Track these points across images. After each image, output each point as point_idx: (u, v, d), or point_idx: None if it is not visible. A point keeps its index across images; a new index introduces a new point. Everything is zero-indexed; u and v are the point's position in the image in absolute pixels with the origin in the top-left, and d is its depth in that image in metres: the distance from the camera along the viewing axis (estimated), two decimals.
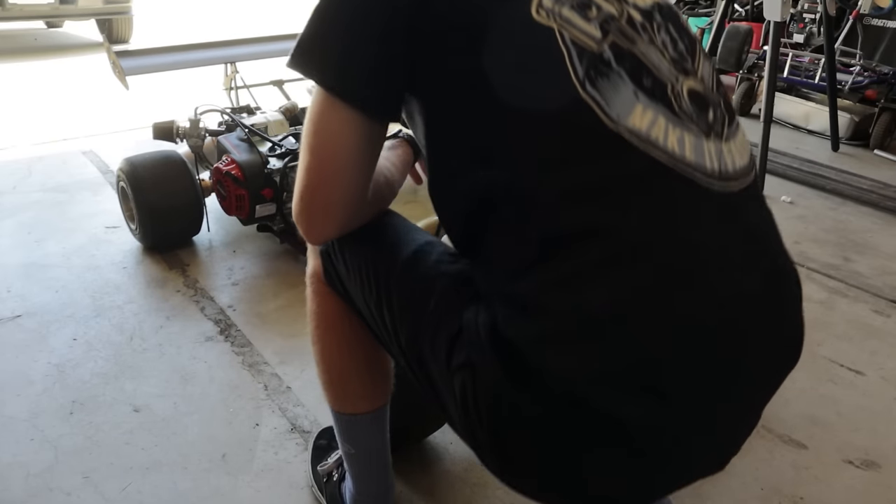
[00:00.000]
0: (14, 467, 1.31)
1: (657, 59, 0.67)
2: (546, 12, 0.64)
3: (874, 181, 3.06)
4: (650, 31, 0.69)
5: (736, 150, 0.70)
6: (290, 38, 2.60)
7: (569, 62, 0.63)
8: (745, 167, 0.70)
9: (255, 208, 2.03)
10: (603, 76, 0.63)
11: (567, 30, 0.64)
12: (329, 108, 0.71)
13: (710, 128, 0.67)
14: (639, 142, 0.62)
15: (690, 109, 0.66)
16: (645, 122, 0.63)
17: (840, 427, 1.51)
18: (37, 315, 1.82)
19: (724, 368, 0.65)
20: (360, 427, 1.06)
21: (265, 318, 1.84)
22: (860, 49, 3.75)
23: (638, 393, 0.62)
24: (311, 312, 1.01)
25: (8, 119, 3.61)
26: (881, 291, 2.13)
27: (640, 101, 0.63)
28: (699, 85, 0.69)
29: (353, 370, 1.01)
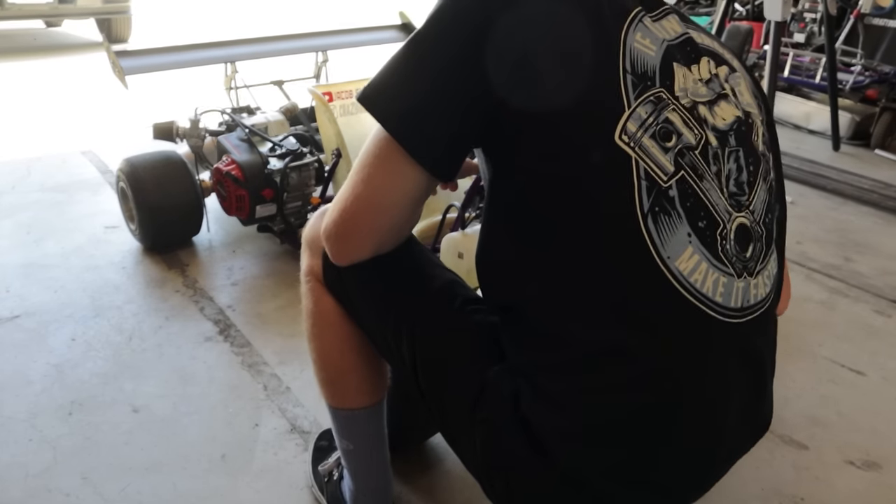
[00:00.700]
0: (13, 468, 1.31)
1: (716, 197, 0.71)
2: (628, 137, 0.66)
3: (875, 181, 3.06)
4: (720, 161, 0.72)
5: (762, 283, 0.76)
6: (291, 38, 2.60)
7: (637, 194, 0.66)
8: (765, 297, 0.77)
9: (256, 209, 2.03)
10: (665, 213, 0.67)
11: (643, 160, 0.67)
12: (394, 156, 0.72)
13: (744, 266, 0.73)
14: (678, 283, 0.68)
15: (733, 251, 0.72)
16: (689, 266, 0.68)
17: (841, 427, 1.51)
18: (36, 315, 1.82)
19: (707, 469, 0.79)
20: (358, 422, 1.06)
21: (265, 319, 1.84)
22: (861, 48, 3.74)
23: (639, 486, 0.72)
24: (306, 310, 1.02)
25: (7, 119, 3.60)
26: (882, 291, 2.13)
27: (692, 244, 0.68)
28: (748, 219, 0.74)
29: (350, 367, 1.02)
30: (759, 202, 0.77)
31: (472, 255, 0.81)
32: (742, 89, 0.80)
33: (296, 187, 2.05)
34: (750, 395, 0.79)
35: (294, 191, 2.05)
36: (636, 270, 0.67)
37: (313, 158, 2.07)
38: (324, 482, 1.22)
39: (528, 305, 0.72)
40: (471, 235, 1.69)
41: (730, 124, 0.75)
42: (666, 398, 0.70)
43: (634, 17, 0.72)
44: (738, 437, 0.81)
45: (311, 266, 0.99)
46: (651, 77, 0.70)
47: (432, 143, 0.71)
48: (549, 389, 0.71)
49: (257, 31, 3.32)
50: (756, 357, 0.78)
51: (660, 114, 0.69)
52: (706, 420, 0.74)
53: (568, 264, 0.69)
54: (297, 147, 2.07)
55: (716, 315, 0.71)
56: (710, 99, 0.75)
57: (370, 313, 0.92)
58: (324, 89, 1.99)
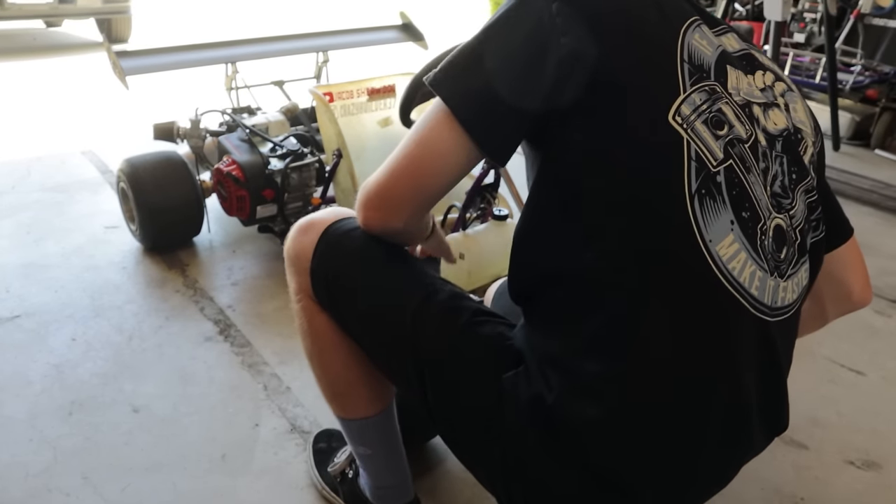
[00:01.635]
0: (13, 468, 1.31)
1: (760, 192, 0.73)
2: (682, 119, 0.69)
3: (875, 181, 3.06)
4: (768, 160, 0.75)
5: (791, 288, 0.77)
6: (291, 39, 2.60)
7: (686, 174, 0.68)
8: (793, 302, 0.78)
9: (256, 209, 2.03)
10: (711, 197, 0.69)
11: (695, 142, 0.69)
12: (448, 128, 0.74)
13: (777, 267, 0.75)
14: (716, 268, 0.69)
15: (770, 248, 0.74)
16: (729, 252, 0.70)
17: (841, 427, 1.51)
18: (36, 315, 1.82)
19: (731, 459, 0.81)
20: (373, 429, 1.06)
21: (265, 319, 1.84)
22: (861, 48, 3.74)
23: (668, 481, 0.74)
24: (303, 331, 1.01)
25: (7, 119, 3.60)
26: (882, 292, 2.13)
27: (734, 232, 0.70)
28: (786, 222, 0.76)
29: (356, 378, 1.01)
30: (799, 211, 0.79)
31: (473, 255, 0.81)
32: (798, 107, 0.83)
33: (296, 188, 2.05)
34: (770, 394, 0.79)
35: (295, 191, 2.05)
36: (679, 248, 0.68)
37: (314, 159, 2.07)
38: (337, 482, 1.22)
39: (562, 287, 0.73)
40: (472, 236, 1.69)
41: (780, 130, 0.78)
42: (701, 377, 0.71)
43: (693, 21, 0.76)
44: (760, 432, 0.81)
45: (299, 284, 0.97)
46: (707, 70, 0.73)
47: (490, 122, 0.73)
48: (587, 372, 0.70)
49: (258, 31, 3.32)
50: (778, 359, 0.79)
51: (714, 103, 0.71)
52: (737, 411, 0.74)
53: (610, 243, 0.70)
54: (297, 147, 2.07)
55: (748, 307, 0.72)
56: (764, 103, 0.78)
57: (366, 334, 0.91)
58: (324, 89, 1.99)
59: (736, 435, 0.77)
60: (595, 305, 0.71)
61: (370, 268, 0.88)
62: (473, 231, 1.74)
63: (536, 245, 0.77)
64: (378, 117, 2.11)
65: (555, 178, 0.74)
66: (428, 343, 0.81)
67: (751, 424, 0.78)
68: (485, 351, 0.80)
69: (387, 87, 2.11)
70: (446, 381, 0.81)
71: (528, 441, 0.73)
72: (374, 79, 2.10)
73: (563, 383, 0.71)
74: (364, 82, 2.07)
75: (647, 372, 0.70)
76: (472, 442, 0.81)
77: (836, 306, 1.01)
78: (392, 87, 2.11)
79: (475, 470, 0.85)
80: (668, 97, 0.69)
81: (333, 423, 1.41)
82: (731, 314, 0.71)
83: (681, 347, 0.70)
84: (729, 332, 0.72)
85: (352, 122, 2.03)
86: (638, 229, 0.69)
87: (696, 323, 0.70)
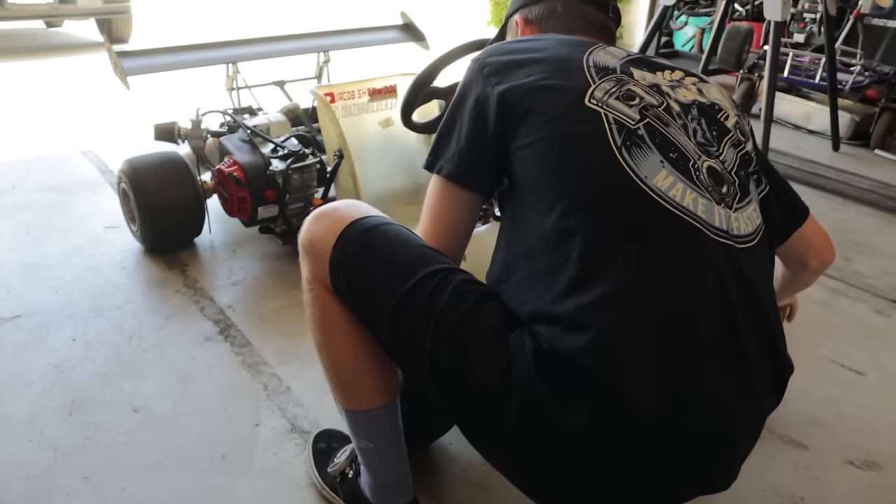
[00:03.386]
0: (13, 468, 1.31)
1: (684, 140, 0.87)
2: (596, 100, 0.87)
3: (875, 181, 3.06)
4: (685, 119, 0.89)
5: (743, 220, 0.87)
6: (292, 39, 2.60)
7: (609, 134, 0.84)
8: (752, 233, 0.88)
9: (258, 210, 2.03)
10: (636, 146, 0.83)
11: (611, 112, 0.86)
12: (444, 188, 0.97)
13: (721, 198, 0.85)
14: (658, 197, 0.81)
15: (707, 182, 0.85)
16: (666, 184, 0.82)
17: (841, 427, 1.51)
18: (36, 315, 1.82)
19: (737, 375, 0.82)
20: (378, 421, 1.07)
21: (265, 319, 1.84)
22: (861, 49, 3.74)
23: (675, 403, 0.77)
24: (314, 319, 1.02)
25: (7, 119, 3.61)
26: (882, 292, 2.13)
27: (665, 167, 0.83)
28: (718, 165, 0.88)
29: (365, 369, 1.02)
30: (729, 157, 0.90)
31: (476, 256, 0.88)
32: (711, 90, 0.97)
33: (298, 188, 2.05)
34: (755, 326, 0.84)
35: (296, 192, 2.05)
36: (622, 190, 0.81)
37: (315, 159, 2.07)
38: (337, 482, 1.22)
39: (550, 235, 0.83)
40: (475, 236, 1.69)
41: (690, 101, 0.92)
42: (675, 293, 0.79)
43: (596, 46, 0.96)
44: (759, 365, 0.84)
45: (314, 273, 0.99)
46: (613, 70, 0.91)
47: (466, 169, 0.95)
48: (569, 317, 0.78)
49: (259, 31, 3.32)
50: (751, 286, 0.84)
51: (622, 86, 0.89)
52: (723, 331, 0.80)
53: (575, 195, 0.83)
54: (299, 148, 2.07)
55: (703, 229, 0.82)
56: (671, 85, 0.94)
57: (382, 320, 0.92)
58: (326, 90, 1.99)
59: (730, 360, 0.81)
60: (564, 257, 0.80)
61: (393, 256, 0.93)
62: (476, 231, 1.74)
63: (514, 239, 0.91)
64: (379, 118, 2.11)
65: (524, 175, 0.89)
66: (445, 315, 0.86)
67: (744, 352, 0.82)
68: (494, 319, 0.86)
69: (388, 87, 2.11)
70: (460, 347, 0.85)
71: (538, 387, 0.78)
72: (376, 79, 2.10)
73: (552, 329, 0.79)
74: (365, 83, 2.07)
75: (624, 293, 0.77)
76: (486, 409, 0.83)
77: (803, 273, 1.18)
78: (393, 87, 2.11)
79: (488, 442, 0.87)
80: (580, 90, 0.87)
81: (333, 423, 1.42)
82: (687, 233, 0.81)
83: (649, 263, 0.79)
84: (692, 248, 0.81)
85: (353, 123, 2.03)
86: (583, 183, 0.83)
87: (657, 243, 0.80)
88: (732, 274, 0.82)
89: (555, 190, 0.84)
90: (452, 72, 1.71)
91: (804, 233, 1.10)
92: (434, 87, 1.74)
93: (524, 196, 0.89)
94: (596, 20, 1.09)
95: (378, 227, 0.94)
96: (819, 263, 1.14)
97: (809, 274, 1.17)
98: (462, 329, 0.85)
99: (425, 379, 0.90)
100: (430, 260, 0.91)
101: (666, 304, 0.78)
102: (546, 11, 1.09)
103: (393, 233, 0.94)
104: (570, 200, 0.82)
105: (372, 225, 0.95)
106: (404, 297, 0.88)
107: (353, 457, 1.20)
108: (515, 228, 0.91)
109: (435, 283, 0.88)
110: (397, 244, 0.93)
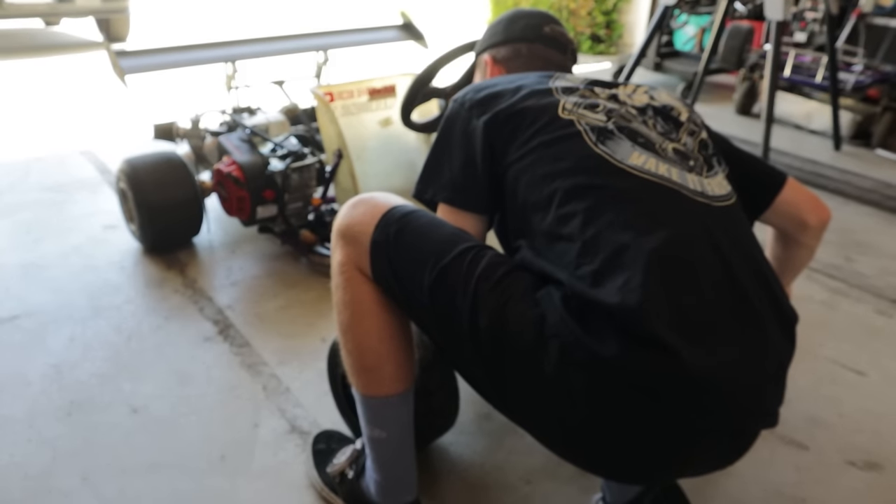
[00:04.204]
0: (11, 468, 1.31)
1: (647, 131, 1.02)
2: (567, 111, 1.02)
3: (876, 181, 3.05)
4: (644, 116, 1.05)
5: (715, 185, 0.99)
6: (291, 38, 2.60)
7: (585, 135, 0.98)
8: (726, 195, 0.99)
9: (257, 210, 2.02)
10: (609, 139, 0.98)
11: (583, 118, 1.01)
12: (447, 214, 1.06)
13: (690, 169, 0.99)
14: (636, 171, 0.94)
15: (674, 157, 0.99)
16: (640, 160, 0.96)
17: (842, 428, 1.51)
18: (34, 315, 1.81)
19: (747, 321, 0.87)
20: (393, 409, 1.09)
21: (264, 319, 1.84)
22: (863, 48, 3.73)
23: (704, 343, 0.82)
24: (342, 301, 1.05)
25: (6, 118, 3.60)
26: (883, 292, 2.12)
27: (636, 149, 0.98)
28: (681, 147, 1.02)
29: (387, 353, 1.06)
30: (689, 143, 1.04)
31: None
32: (662, 95, 1.11)
33: (297, 188, 2.05)
34: (756, 280, 0.90)
35: (295, 192, 2.05)
36: (606, 171, 0.94)
37: (315, 159, 2.06)
38: (336, 483, 1.22)
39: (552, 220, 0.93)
40: None
41: (644, 104, 1.07)
42: (676, 247, 0.86)
43: (556, 74, 1.11)
44: (765, 316, 0.89)
45: (348, 256, 1.03)
46: (577, 88, 1.07)
47: (466, 194, 1.05)
48: (586, 279, 0.85)
49: (258, 30, 3.32)
50: (742, 244, 0.93)
51: (587, 99, 1.05)
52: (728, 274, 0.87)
53: (566, 188, 0.94)
54: (298, 148, 2.07)
55: (681, 191, 0.93)
56: (627, 94, 1.09)
57: (423, 292, 0.96)
58: (325, 89, 1.99)
59: (738, 304, 0.87)
60: (569, 238, 0.90)
61: (431, 234, 1.00)
62: None
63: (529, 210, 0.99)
64: (379, 117, 2.11)
65: (517, 192, 0.99)
66: (482, 280, 0.92)
67: (748, 299, 0.88)
68: (525, 282, 0.92)
69: (387, 87, 2.10)
70: (498, 306, 0.90)
71: (571, 326, 0.83)
72: (375, 79, 2.09)
73: (575, 285, 0.86)
74: (365, 82, 2.07)
75: (631, 249, 0.85)
76: (524, 360, 0.87)
77: (805, 236, 1.20)
78: (393, 87, 2.11)
79: (526, 397, 0.89)
80: (553, 105, 1.03)
81: (333, 423, 1.41)
82: (671, 195, 0.92)
83: (646, 225, 0.88)
84: (680, 207, 0.91)
85: (352, 123, 2.03)
86: (571, 175, 0.94)
87: (649, 208, 0.90)
88: (720, 230, 0.91)
89: (549, 188, 0.95)
90: (452, 71, 1.71)
91: (788, 195, 1.16)
92: (433, 87, 1.74)
93: (523, 206, 0.98)
94: (556, 61, 1.27)
95: (415, 212, 1.02)
96: (817, 220, 1.18)
97: (811, 235, 1.20)
98: (498, 290, 0.90)
99: (463, 346, 0.93)
100: (465, 238, 0.98)
101: (672, 258, 0.86)
102: (512, 53, 1.27)
103: (428, 217, 1.02)
104: (563, 193, 0.93)
105: (409, 210, 1.02)
106: (444, 269, 0.94)
107: (354, 458, 1.20)
108: (524, 234, 0.99)
109: (472, 256, 0.94)
110: (434, 226, 1.00)
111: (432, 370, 1.24)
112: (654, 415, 0.82)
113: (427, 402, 1.24)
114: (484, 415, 1.48)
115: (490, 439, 1.42)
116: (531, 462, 1.36)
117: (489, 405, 1.00)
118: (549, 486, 1.31)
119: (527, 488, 1.31)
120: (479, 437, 1.43)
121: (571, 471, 1.32)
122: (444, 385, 1.27)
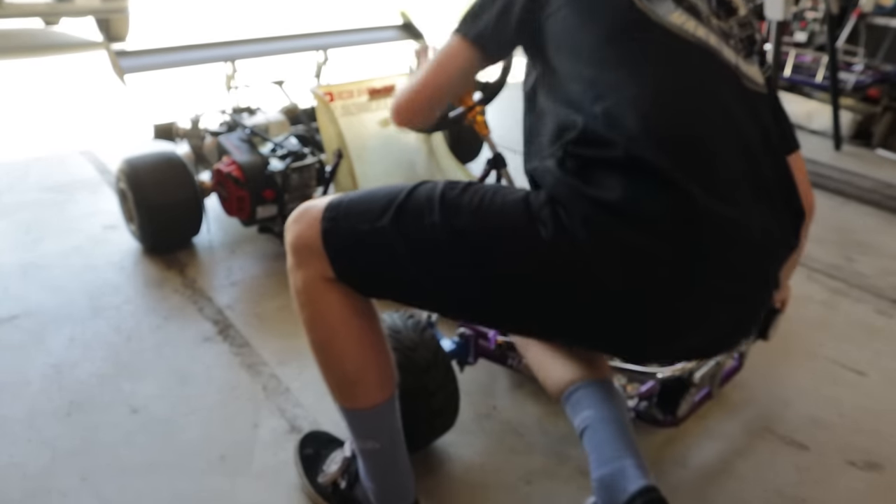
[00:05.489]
0: (10, 468, 1.31)
1: (696, 1, 0.98)
2: None
3: (877, 181, 3.05)
4: None
5: (754, 72, 0.99)
6: (291, 38, 2.60)
7: None
8: (762, 84, 1.00)
9: (257, 209, 2.02)
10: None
11: None
12: (459, 47, 1.08)
13: (730, 45, 0.97)
14: (674, 29, 0.94)
15: (717, 27, 0.98)
16: (681, 20, 0.95)
17: (842, 428, 1.50)
18: (34, 315, 1.81)
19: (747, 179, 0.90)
20: (381, 417, 1.07)
21: (264, 319, 1.84)
22: (863, 48, 3.73)
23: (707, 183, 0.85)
24: (311, 320, 1.02)
25: (5, 118, 3.60)
26: (883, 292, 2.12)
27: (678, 10, 0.96)
28: (727, 28, 1.00)
29: (368, 361, 1.04)
30: (737, 31, 1.02)
31: None
32: None
33: (297, 188, 2.04)
34: (772, 161, 0.94)
35: (295, 191, 2.05)
36: (644, 24, 0.93)
37: (314, 159, 2.06)
38: (330, 493, 1.20)
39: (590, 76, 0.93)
40: None
41: None
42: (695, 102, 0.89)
43: None
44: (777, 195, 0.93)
45: (306, 270, 0.99)
46: None
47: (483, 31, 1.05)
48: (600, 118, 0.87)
49: (258, 30, 3.32)
50: (764, 126, 0.96)
51: None
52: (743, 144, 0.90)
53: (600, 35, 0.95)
54: (298, 147, 2.07)
55: (714, 54, 0.94)
56: None
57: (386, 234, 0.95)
58: (325, 89, 1.99)
59: (754, 177, 0.90)
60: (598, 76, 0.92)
61: (376, 192, 0.99)
62: None
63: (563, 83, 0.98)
64: (379, 117, 2.11)
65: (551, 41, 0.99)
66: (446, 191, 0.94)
67: (762, 175, 0.91)
68: (495, 186, 0.96)
69: (387, 87, 2.10)
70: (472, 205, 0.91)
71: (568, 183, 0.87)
72: (375, 79, 2.09)
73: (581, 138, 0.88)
74: (364, 82, 2.07)
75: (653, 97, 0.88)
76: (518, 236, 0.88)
77: None
78: (392, 87, 2.11)
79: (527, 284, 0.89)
80: None
81: (333, 423, 1.41)
82: (704, 55, 0.93)
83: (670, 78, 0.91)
84: (709, 68, 0.93)
85: (352, 122, 2.03)
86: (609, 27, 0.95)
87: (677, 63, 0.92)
88: (745, 106, 0.93)
89: (582, 36, 0.96)
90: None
91: (791, 162, 1.13)
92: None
93: (557, 53, 0.99)
94: None
95: (349, 194, 1.02)
96: (807, 203, 1.14)
97: None
98: (468, 193, 0.93)
99: (445, 259, 0.92)
100: (410, 185, 0.98)
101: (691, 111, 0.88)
102: None
103: (365, 189, 1.03)
104: (596, 41, 0.95)
105: (344, 195, 1.02)
106: (402, 204, 0.94)
107: (345, 467, 1.18)
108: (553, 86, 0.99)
109: (425, 185, 0.96)
110: (374, 189, 1.00)
111: (432, 370, 1.23)
112: (660, 262, 0.83)
113: (427, 402, 1.24)
114: (484, 415, 1.48)
115: (490, 439, 1.42)
116: (531, 462, 1.36)
117: (489, 405, 1.00)
118: (549, 486, 1.31)
119: (527, 488, 1.30)
120: (479, 437, 1.42)
121: (571, 471, 1.32)
122: (444, 385, 1.27)
